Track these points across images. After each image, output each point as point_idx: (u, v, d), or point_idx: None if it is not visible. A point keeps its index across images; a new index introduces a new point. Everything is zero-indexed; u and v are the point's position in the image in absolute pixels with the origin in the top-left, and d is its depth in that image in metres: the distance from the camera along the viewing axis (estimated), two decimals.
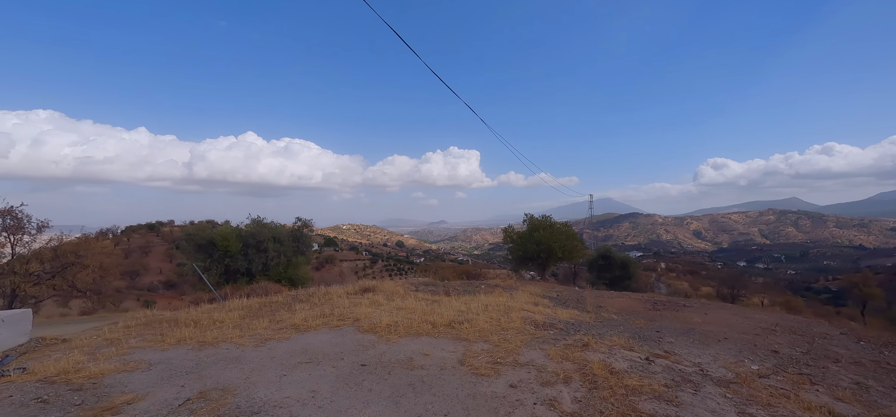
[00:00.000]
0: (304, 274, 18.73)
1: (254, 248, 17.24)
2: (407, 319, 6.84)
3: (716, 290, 42.83)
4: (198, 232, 16.63)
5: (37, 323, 16.31)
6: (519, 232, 19.78)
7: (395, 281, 12.54)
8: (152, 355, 5.56)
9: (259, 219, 18.55)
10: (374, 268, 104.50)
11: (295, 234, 19.25)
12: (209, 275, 16.60)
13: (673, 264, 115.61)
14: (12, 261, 15.31)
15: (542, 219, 19.50)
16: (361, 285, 10.74)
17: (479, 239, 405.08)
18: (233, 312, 8.17)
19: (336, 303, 8.73)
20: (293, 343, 5.87)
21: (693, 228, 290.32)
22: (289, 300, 9.38)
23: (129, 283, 63.71)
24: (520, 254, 18.94)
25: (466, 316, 7.00)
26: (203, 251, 16.59)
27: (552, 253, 17.42)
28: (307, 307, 8.52)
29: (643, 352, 5.74)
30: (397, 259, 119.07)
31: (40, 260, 16.05)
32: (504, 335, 5.96)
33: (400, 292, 10.03)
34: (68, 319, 16.58)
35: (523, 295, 10.37)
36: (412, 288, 11.27)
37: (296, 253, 18.77)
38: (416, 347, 5.43)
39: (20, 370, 4.96)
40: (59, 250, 16.16)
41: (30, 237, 16.19)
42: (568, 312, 8.41)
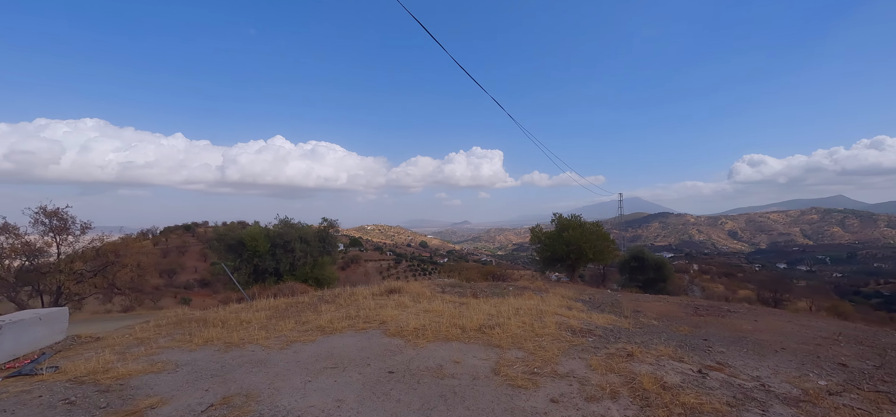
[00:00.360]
0: (330, 275, 18.83)
1: (281, 248, 17.45)
2: (435, 322, 6.56)
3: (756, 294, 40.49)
4: (228, 232, 16.99)
5: (81, 319, 17.08)
6: (547, 232, 19.18)
7: (421, 283, 12.30)
8: (180, 355, 5.51)
9: (286, 220, 18.79)
10: (398, 268, 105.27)
11: (321, 235, 19.39)
12: (239, 275, 16.90)
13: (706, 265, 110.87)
14: (58, 260, 16.08)
15: (572, 219, 18.82)
16: (387, 286, 10.56)
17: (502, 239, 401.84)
18: (260, 312, 8.13)
19: (362, 305, 8.56)
20: (318, 346, 5.69)
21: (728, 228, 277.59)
22: (315, 301, 9.29)
23: (167, 281, 66.71)
24: (548, 255, 18.35)
25: (497, 320, 6.64)
26: (233, 251, 16.92)
27: (582, 255, 16.77)
28: (333, 308, 8.39)
29: (694, 364, 5.22)
30: (421, 259, 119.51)
31: (83, 259, 16.79)
32: (539, 341, 5.58)
33: (426, 294, 9.78)
34: (111, 316, 17.22)
35: (555, 298, 9.90)
36: (438, 289, 11.00)
37: (322, 254, 18.89)
38: (446, 353, 5.13)
39: (53, 369, 4.99)
40: (101, 250, 16.86)
41: (74, 237, 16.98)
42: (604, 317, 7.90)
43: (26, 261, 15.54)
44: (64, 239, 16.25)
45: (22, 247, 15.59)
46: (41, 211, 15.74)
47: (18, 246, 15.37)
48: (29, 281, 15.79)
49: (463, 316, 7.05)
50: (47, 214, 15.77)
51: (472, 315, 7.05)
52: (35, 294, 16.13)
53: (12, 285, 15.48)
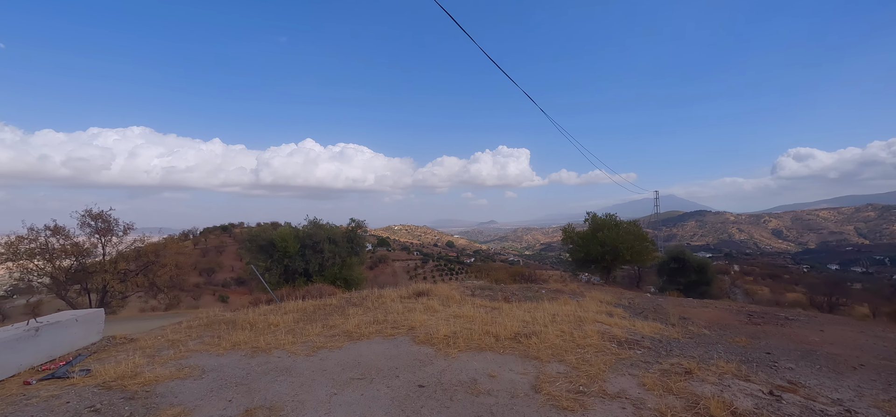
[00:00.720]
0: (359, 275, 18.83)
1: (311, 249, 17.59)
2: (466, 329, 6.18)
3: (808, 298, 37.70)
4: (259, 233, 17.28)
5: (124, 317, 17.80)
6: (580, 232, 18.37)
7: (450, 285, 11.96)
8: (207, 360, 5.40)
9: (316, 220, 18.94)
10: (425, 268, 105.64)
11: (349, 235, 19.44)
12: (270, 275, 17.16)
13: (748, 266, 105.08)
14: (104, 261, 16.87)
15: (606, 218, 17.93)
16: (415, 289, 10.28)
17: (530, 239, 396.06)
18: (288, 315, 8.02)
19: (390, 308, 8.31)
20: (345, 353, 5.45)
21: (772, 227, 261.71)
22: (342, 303, 9.13)
23: (206, 280, 69.81)
24: (581, 256, 17.56)
25: (533, 328, 6.19)
26: (264, 252, 17.20)
27: (618, 256, 15.91)
28: (360, 311, 8.18)
29: (762, 383, 4.60)
30: (448, 259, 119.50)
31: (126, 259, 17.56)
32: (581, 353, 5.09)
33: (455, 297, 9.42)
34: (152, 314, 17.81)
35: (592, 303, 9.30)
36: (468, 292, 10.62)
37: (350, 254, 18.93)
38: (480, 365, 4.75)
39: (85, 372, 4.98)
40: (142, 250, 17.56)
41: (118, 238, 17.79)
42: (649, 325, 7.27)
43: (75, 261, 16.39)
44: (108, 239, 17.02)
45: (71, 248, 16.45)
46: (87, 213, 16.57)
47: (68, 247, 16.21)
48: (78, 280, 16.65)
49: (496, 322, 6.64)
50: (93, 216, 16.56)
51: (506, 321, 6.62)
52: (83, 292, 16.99)
53: (63, 284, 16.36)
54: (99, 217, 16.92)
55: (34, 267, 15.90)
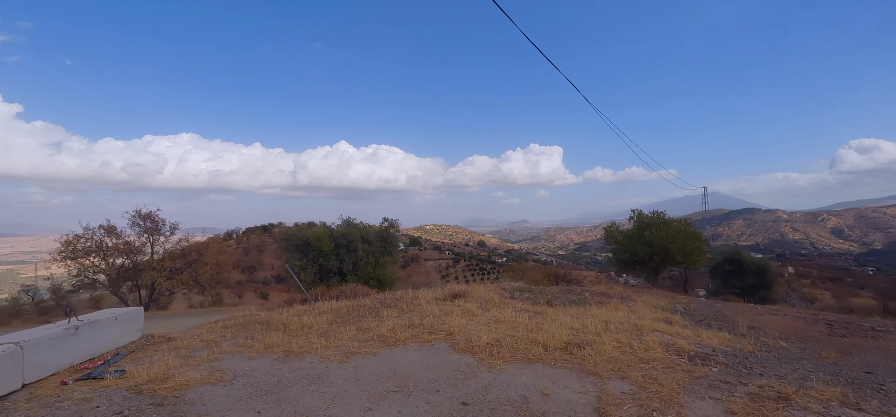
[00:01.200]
0: (392, 275, 18.67)
1: (345, 248, 17.59)
2: (510, 336, 5.65)
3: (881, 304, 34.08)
4: (295, 233, 17.49)
5: (170, 314, 18.52)
6: (624, 231, 17.25)
7: (486, 286, 11.43)
8: (239, 364, 5.19)
9: (349, 220, 18.97)
10: (457, 268, 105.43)
11: (382, 234, 19.33)
12: (305, 275, 17.29)
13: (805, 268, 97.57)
14: (152, 259, 17.64)
15: (654, 216, 16.72)
16: (451, 290, 9.84)
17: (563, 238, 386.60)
18: (321, 316, 7.79)
19: (425, 311, 7.90)
20: (380, 360, 5.07)
21: (831, 225, 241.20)
22: (376, 304, 8.82)
23: (248, 277, 72.95)
24: (626, 257, 16.46)
25: (585, 337, 5.57)
26: (300, 251, 17.37)
27: (668, 256, 14.75)
28: (395, 314, 7.82)
29: (877, 413, 3.77)
30: (479, 258, 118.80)
31: (172, 258, 18.29)
32: (647, 370, 4.44)
33: (494, 300, 8.88)
34: (196, 311, 18.38)
35: (645, 309, 8.49)
36: (506, 294, 10.05)
37: (383, 254, 18.80)
38: (529, 380, 4.21)
39: (119, 373, 4.88)
40: (186, 249, 18.23)
41: (165, 237, 18.59)
42: (717, 336, 6.43)
43: (127, 259, 17.25)
44: (156, 239, 17.77)
45: (123, 247, 17.32)
46: (137, 214, 17.39)
47: (121, 246, 17.05)
48: (129, 277, 17.52)
49: (541, 329, 6.05)
50: (142, 217, 17.35)
51: (553, 328, 6.03)
52: (134, 288, 17.85)
53: (116, 281, 17.22)
54: (148, 217, 17.71)
55: (90, 265, 16.82)
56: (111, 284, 16.97)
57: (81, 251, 16.48)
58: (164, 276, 16.87)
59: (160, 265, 16.96)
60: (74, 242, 16.04)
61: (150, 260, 17.24)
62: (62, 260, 16.03)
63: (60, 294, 21.29)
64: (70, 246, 15.92)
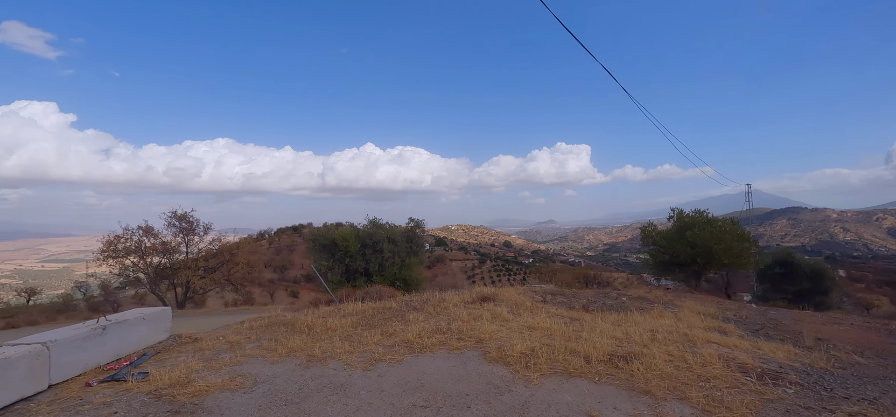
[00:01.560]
0: (418, 276, 18.44)
1: (371, 249, 17.51)
2: (546, 345, 5.19)
3: None
4: (322, 233, 17.56)
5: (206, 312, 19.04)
6: (663, 231, 16.23)
7: (516, 289, 10.94)
8: (261, 368, 4.99)
9: (375, 220, 18.90)
10: (483, 268, 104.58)
11: (408, 235, 19.15)
12: (332, 274, 17.32)
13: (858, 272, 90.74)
14: (186, 258, 18.17)
15: (696, 215, 15.61)
16: (480, 292, 9.42)
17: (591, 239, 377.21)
18: (346, 318, 7.57)
19: (453, 314, 7.53)
20: (406, 369, 4.74)
21: (887, 225, 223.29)
22: (402, 307, 8.54)
23: (279, 276, 75.18)
24: (666, 259, 15.46)
25: (630, 348, 5.03)
26: (327, 251, 17.42)
27: (712, 258, 13.71)
28: (422, 317, 7.50)
29: None
30: (505, 259, 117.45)
31: (206, 257, 18.79)
32: (707, 389, 3.88)
33: (525, 303, 8.41)
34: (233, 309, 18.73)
35: (692, 316, 7.78)
36: (538, 297, 9.54)
37: (409, 254, 18.60)
38: (572, 398, 3.76)
39: (143, 375, 4.78)
40: (219, 249, 18.68)
41: (199, 237, 19.13)
42: (781, 349, 5.72)
43: (163, 258, 17.85)
44: (190, 239, 18.30)
45: (160, 246, 17.92)
46: (173, 214, 17.97)
47: (158, 245, 17.65)
48: (166, 276, 18.12)
49: (581, 337, 5.55)
50: (178, 217, 17.90)
51: (594, 337, 5.51)
52: (171, 287, 18.45)
53: (153, 279, 17.83)
54: (183, 218, 18.26)
55: (130, 264, 17.48)
56: (149, 282, 17.59)
57: (122, 251, 17.18)
58: (198, 275, 17.33)
59: (194, 264, 17.44)
60: (115, 242, 16.74)
61: (185, 259, 17.77)
62: (104, 260, 16.77)
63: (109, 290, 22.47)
64: (111, 246, 16.62)
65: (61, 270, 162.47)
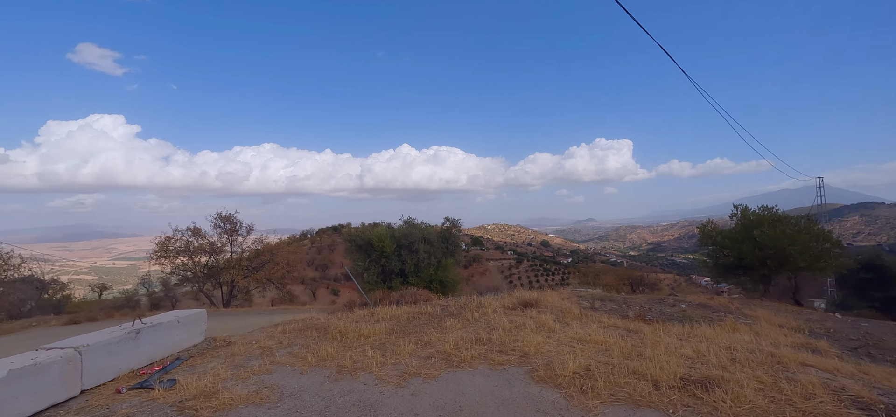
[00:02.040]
0: (454, 277, 17.98)
1: (406, 249, 17.25)
2: (602, 364, 4.51)
3: None
4: (358, 234, 17.53)
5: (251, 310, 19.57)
6: (725, 230, 14.65)
7: (559, 293, 10.17)
8: (289, 379, 4.69)
9: (410, 220, 18.66)
10: (520, 268, 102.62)
11: (444, 235, 18.73)
12: (368, 275, 17.23)
13: None
14: (230, 258, 18.78)
15: (764, 212, 13.91)
16: (520, 297, 8.79)
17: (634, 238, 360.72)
18: (379, 324, 7.21)
19: (493, 322, 6.97)
20: (443, 386, 4.24)
21: None
22: (438, 312, 8.08)
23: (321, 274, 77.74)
24: (730, 261, 13.89)
25: (707, 371, 4.24)
26: (363, 252, 17.36)
27: (785, 260, 12.14)
28: (459, 325, 6.99)
29: None
30: (543, 259, 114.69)
31: (249, 257, 19.35)
32: None
33: (572, 310, 7.68)
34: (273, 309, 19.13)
35: (772, 330, 6.73)
36: (585, 303, 8.76)
37: (445, 255, 18.18)
38: None
39: (171, 383, 4.61)
40: (261, 250, 19.17)
41: (242, 238, 19.74)
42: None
43: (209, 258, 18.56)
44: (234, 239, 18.89)
45: (208, 246, 18.64)
46: (218, 216, 18.63)
47: (206, 245, 18.36)
48: (212, 276, 18.82)
49: (642, 355, 4.81)
50: (222, 219, 18.54)
51: (659, 355, 4.75)
52: (217, 286, 19.15)
53: (201, 279, 18.57)
54: (227, 219, 18.89)
55: (180, 264, 18.29)
56: (197, 281, 18.35)
57: (173, 251, 18.02)
58: (242, 275, 17.85)
59: (238, 264, 17.99)
60: (166, 243, 17.58)
61: (229, 259, 18.37)
62: (157, 260, 17.68)
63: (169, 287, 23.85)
64: (163, 247, 17.48)
65: (129, 268, 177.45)
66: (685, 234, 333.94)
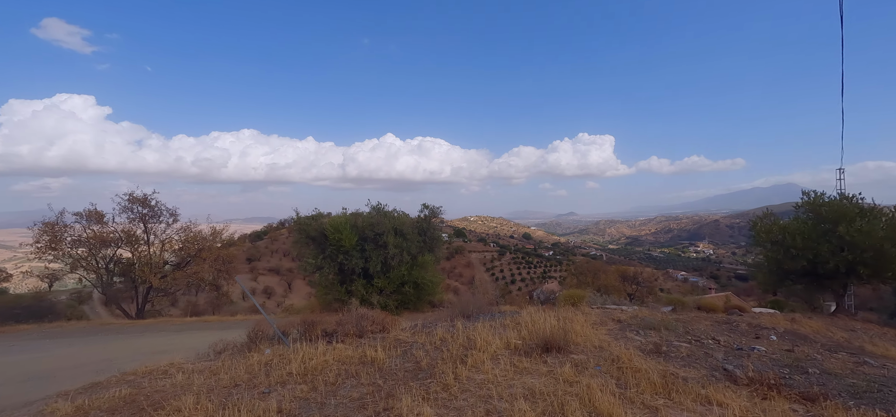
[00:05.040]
0: (433, 278, 14.36)
1: (372, 243, 13.56)
2: None
3: None
4: (308, 222, 13.68)
5: (162, 323, 15.17)
6: (787, 224, 11.38)
7: (586, 315, 6.77)
8: None
9: (379, 207, 14.87)
10: (502, 260, 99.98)
11: (421, 226, 15.09)
12: (322, 276, 13.47)
13: None
14: (146, 252, 14.64)
15: (845, 203, 10.63)
16: (536, 331, 5.30)
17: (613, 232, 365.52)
18: (283, 391, 3.61)
19: (493, 392, 3.47)
20: None
21: None
22: (394, 364, 4.52)
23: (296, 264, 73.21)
24: (797, 266, 10.50)
25: None
26: (316, 245, 13.59)
27: (884, 263, 8.98)
28: (429, 403, 3.44)
29: None
30: (525, 251, 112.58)
31: (172, 250, 15.24)
32: None
33: (634, 362, 4.25)
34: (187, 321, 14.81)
35: None
36: (633, 335, 5.36)
37: (422, 250, 14.55)
38: None
39: None
40: (186, 241, 15.08)
41: (166, 225, 15.57)
42: None
43: (116, 251, 14.43)
44: (152, 228, 14.75)
45: (108, 236, 14.39)
46: (129, 197, 14.40)
47: (107, 235, 14.16)
48: (122, 273, 14.65)
49: None
50: (134, 200, 14.34)
51: None
52: (131, 287, 15.01)
53: (105, 278, 14.39)
54: (142, 202, 14.70)
55: (79, 257, 14.05)
56: (101, 284, 14.19)
57: (68, 241, 13.77)
58: (157, 274, 13.79)
59: (150, 260, 13.91)
60: (50, 231, 13.27)
61: (140, 253, 14.29)
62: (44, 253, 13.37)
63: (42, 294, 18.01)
64: (46, 236, 13.17)
65: None
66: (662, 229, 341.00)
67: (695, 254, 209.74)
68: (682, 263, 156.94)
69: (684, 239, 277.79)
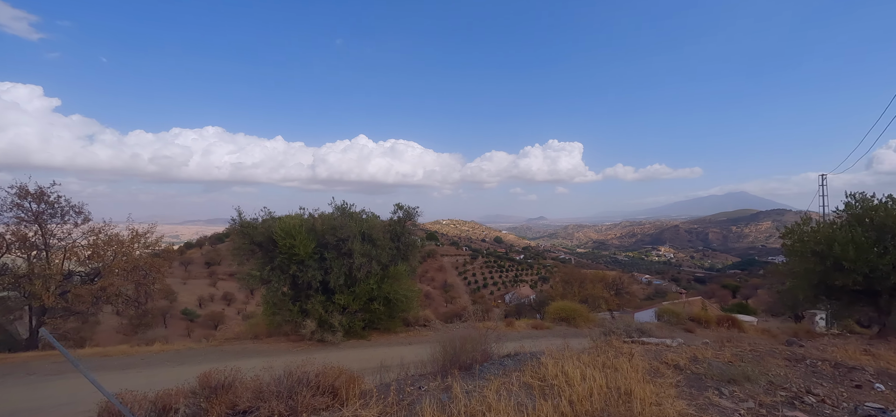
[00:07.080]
0: (408, 291, 12.07)
1: (334, 250, 11.15)
2: None
3: None
4: (254, 227, 11.03)
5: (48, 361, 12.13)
6: (826, 230, 9.84)
7: (629, 357, 4.81)
8: None
9: (344, 207, 12.44)
10: (474, 264, 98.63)
11: (394, 230, 12.82)
12: (270, 291, 10.90)
13: None
14: (39, 262, 11.49)
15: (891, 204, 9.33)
16: (578, 398, 3.23)
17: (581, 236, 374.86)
18: None
19: None
20: None
21: None
22: None
23: None
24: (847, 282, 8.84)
25: None
26: (265, 252, 11.05)
27: None
28: None
29: None
30: (497, 255, 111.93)
31: (80, 259, 12.14)
32: None
33: None
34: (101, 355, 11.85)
35: None
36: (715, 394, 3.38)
37: (395, 259, 12.25)
38: None
39: None
40: (97, 246, 12.02)
41: (73, 225, 12.44)
42: None
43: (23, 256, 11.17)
44: (49, 231, 11.63)
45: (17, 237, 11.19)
46: (20, 191, 11.25)
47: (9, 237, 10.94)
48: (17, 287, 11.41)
49: None
50: (22, 194, 11.20)
51: None
52: (25, 305, 11.79)
53: None
54: (38, 197, 11.55)
55: None
56: None
57: None
58: (53, 291, 10.72)
59: (45, 272, 10.82)
60: None
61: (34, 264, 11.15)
62: None
63: None
64: None
65: None
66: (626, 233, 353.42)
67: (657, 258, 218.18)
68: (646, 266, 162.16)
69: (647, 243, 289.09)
